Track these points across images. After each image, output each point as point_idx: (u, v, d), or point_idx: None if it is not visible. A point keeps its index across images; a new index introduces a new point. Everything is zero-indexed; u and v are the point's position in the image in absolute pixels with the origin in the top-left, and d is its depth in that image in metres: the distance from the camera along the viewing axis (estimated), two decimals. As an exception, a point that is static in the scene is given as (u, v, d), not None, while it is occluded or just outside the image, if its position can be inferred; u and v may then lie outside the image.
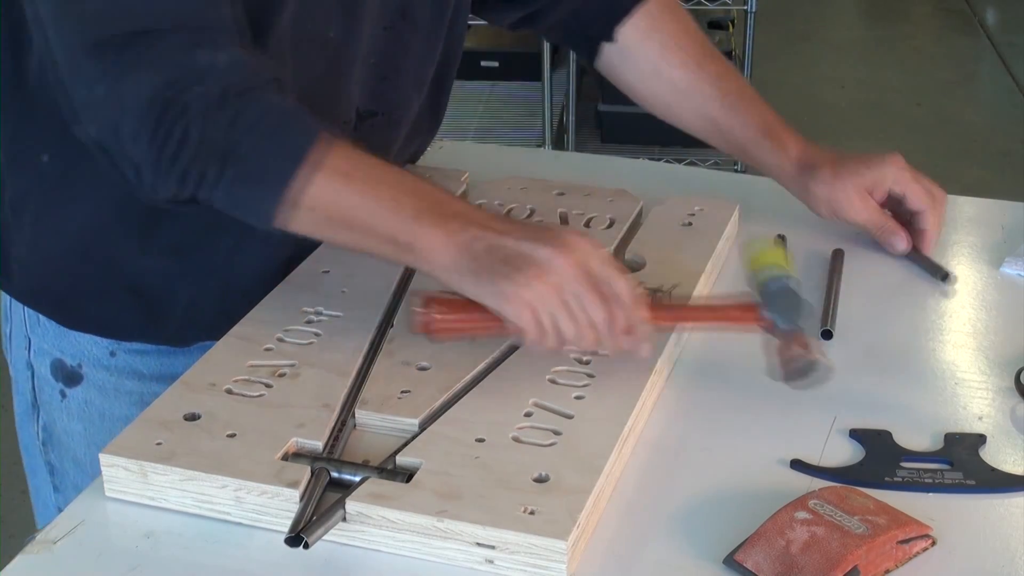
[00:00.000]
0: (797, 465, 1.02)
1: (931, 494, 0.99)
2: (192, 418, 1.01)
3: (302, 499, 0.93)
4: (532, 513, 0.90)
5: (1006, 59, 5.17)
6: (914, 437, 1.05)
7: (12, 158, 1.19)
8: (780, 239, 1.36)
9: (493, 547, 0.89)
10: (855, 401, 1.08)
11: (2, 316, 1.32)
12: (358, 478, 0.95)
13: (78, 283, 1.22)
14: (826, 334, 1.18)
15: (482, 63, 3.67)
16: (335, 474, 0.96)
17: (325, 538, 0.91)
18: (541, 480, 0.94)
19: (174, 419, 1.00)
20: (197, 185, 1.03)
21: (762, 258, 1.11)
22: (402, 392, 1.04)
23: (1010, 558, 0.92)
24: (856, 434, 1.05)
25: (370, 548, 0.92)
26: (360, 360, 1.09)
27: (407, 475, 0.95)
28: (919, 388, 1.12)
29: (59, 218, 1.19)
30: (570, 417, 1.01)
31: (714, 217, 1.35)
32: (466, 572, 0.90)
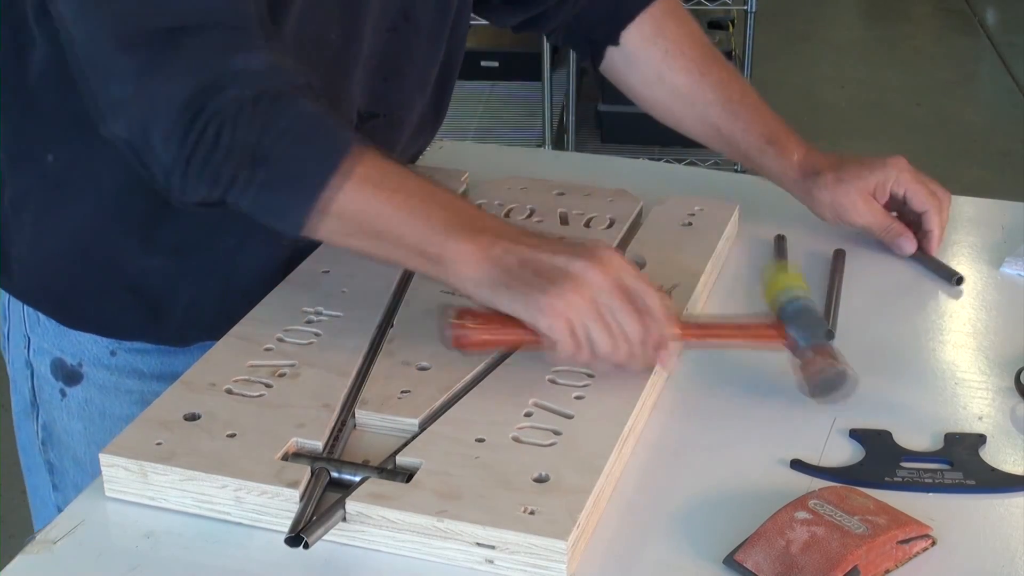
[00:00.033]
0: (797, 465, 1.02)
1: (931, 494, 0.98)
2: (192, 418, 1.01)
3: (302, 499, 0.93)
4: (532, 513, 0.90)
5: (1006, 59, 5.17)
6: (914, 437, 1.05)
7: (15, 157, 1.19)
8: (780, 239, 1.36)
9: (493, 547, 0.89)
10: (855, 401, 1.08)
11: (0, 315, 1.32)
12: (358, 478, 0.95)
13: (78, 282, 1.22)
14: (827, 334, 1.18)
15: (482, 63, 3.67)
16: (335, 474, 0.96)
17: (325, 538, 0.91)
18: (541, 480, 0.94)
19: (174, 419, 1.00)
20: (227, 188, 1.02)
21: (777, 283, 1.12)
22: (402, 392, 1.04)
23: (1010, 558, 0.92)
24: (856, 434, 1.05)
25: (370, 548, 0.92)
26: (360, 360, 1.09)
27: (407, 475, 0.95)
28: (919, 388, 1.12)
29: (60, 217, 1.19)
30: (570, 417, 1.01)
31: (714, 217, 1.35)
32: (466, 572, 0.90)
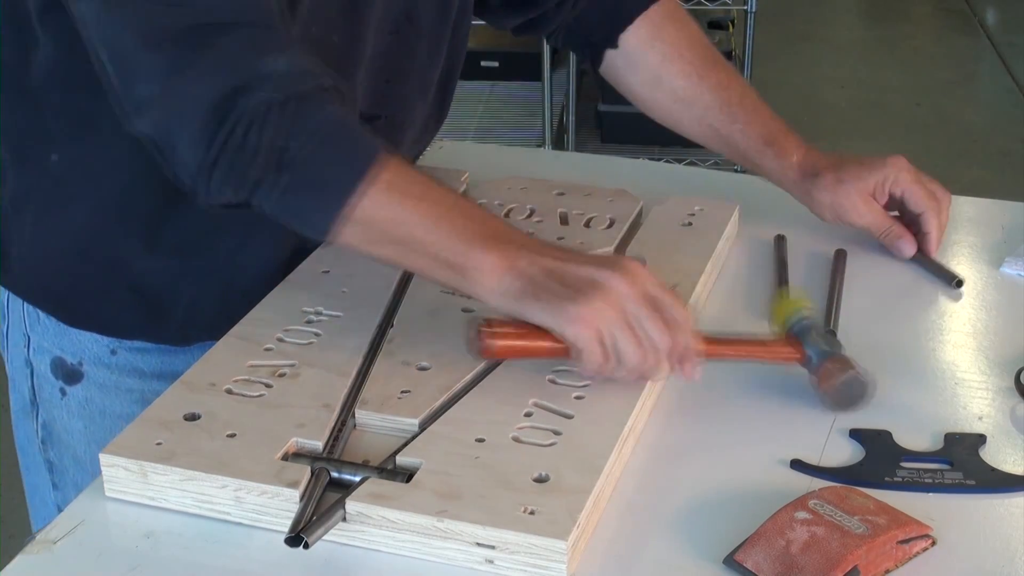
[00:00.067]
0: (797, 465, 1.02)
1: (931, 494, 0.98)
2: (192, 418, 1.01)
3: (302, 499, 0.93)
4: (532, 513, 0.90)
5: (1006, 59, 5.17)
6: (914, 437, 1.05)
7: (18, 155, 1.19)
8: (780, 239, 1.36)
9: (493, 547, 0.89)
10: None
11: None
12: (358, 478, 0.95)
13: (80, 281, 1.22)
14: (830, 334, 1.18)
15: (482, 63, 3.67)
16: (335, 474, 0.96)
17: (325, 538, 0.91)
18: (541, 480, 0.94)
19: (174, 419, 1.00)
20: (252, 191, 1.02)
21: (784, 308, 1.13)
22: (402, 392, 1.04)
23: (1010, 558, 0.92)
24: (856, 434, 1.05)
25: (370, 548, 0.92)
26: (360, 360, 1.09)
27: (407, 475, 0.95)
28: (919, 388, 1.12)
29: (62, 216, 1.19)
30: (570, 417, 1.01)
31: (714, 217, 1.35)
32: (466, 572, 0.90)
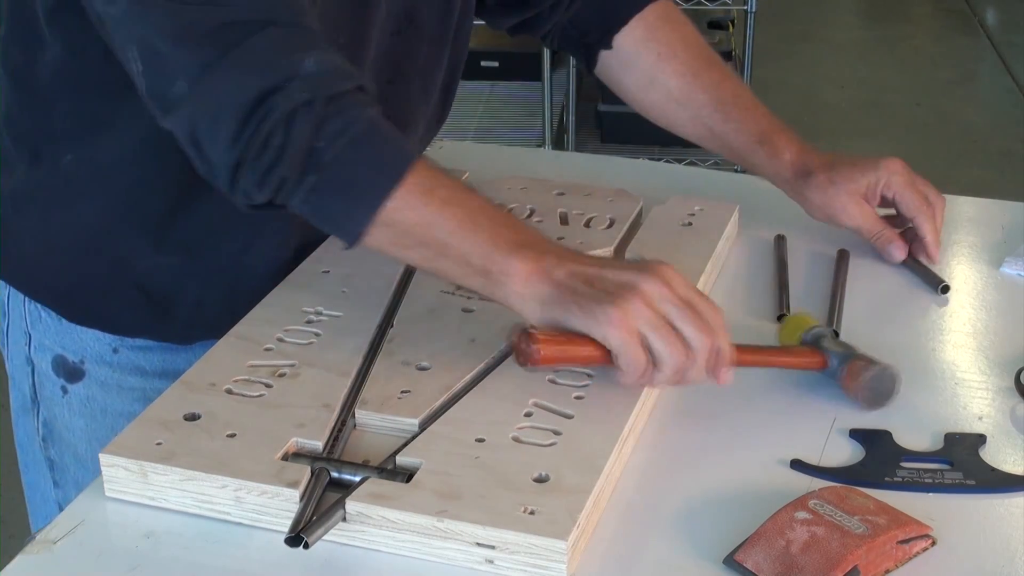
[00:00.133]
0: (797, 465, 1.02)
1: (931, 494, 0.98)
2: (192, 418, 1.01)
3: (302, 499, 0.93)
4: (532, 513, 0.90)
5: (1006, 59, 5.17)
6: (914, 437, 1.05)
7: (35, 154, 1.18)
8: (780, 239, 1.36)
9: (493, 547, 0.89)
10: (855, 401, 1.08)
11: None
12: (358, 478, 0.95)
13: (85, 278, 1.22)
14: (833, 334, 1.18)
15: (482, 63, 3.67)
16: (335, 474, 0.96)
17: (325, 538, 0.91)
18: (541, 480, 0.94)
19: (174, 419, 1.00)
20: (279, 191, 1.01)
21: (792, 326, 1.14)
22: (402, 392, 1.04)
23: (1010, 558, 0.92)
24: (856, 434, 1.05)
25: (370, 548, 0.92)
26: (360, 360, 1.09)
27: (407, 475, 0.95)
28: (919, 388, 1.12)
29: (70, 214, 1.19)
30: (570, 417, 1.01)
31: (714, 217, 1.35)
32: (466, 572, 0.90)
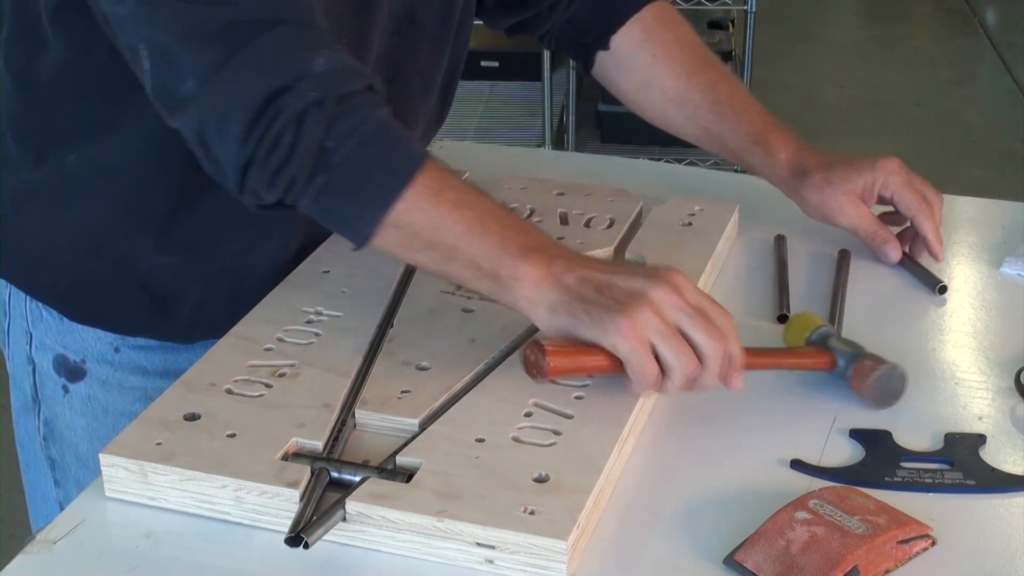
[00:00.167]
0: (797, 465, 1.02)
1: (931, 494, 0.98)
2: (192, 418, 1.01)
3: (302, 499, 0.93)
4: (532, 513, 0.90)
5: (1006, 59, 5.17)
6: (914, 437, 1.05)
7: (40, 154, 1.18)
8: (780, 239, 1.36)
9: (493, 547, 0.89)
10: (855, 401, 1.08)
11: (0, 311, 1.32)
12: (358, 478, 0.95)
13: (87, 277, 1.22)
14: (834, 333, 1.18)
15: (482, 63, 3.68)
16: (335, 474, 0.96)
17: (325, 538, 0.91)
18: (541, 480, 0.94)
19: (174, 419, 1.00)
20: (288, 191, 1.01)
21: (797, 327, 1.14)
22: (402, 392, 1.04)
23: (1010, 558, 0.92)
24: (856, 434, 1.05)
25: (370, 548, 0.92)
26: (360, 360, 1.09)
27: (407, 475, 0.95)
28: (919, 388, 1.12)
29: (73, 213, 1.19)
30: (570, 417, 1.01)
31: (714, 217, 1.35)
32: (466, 572, 0.90)
